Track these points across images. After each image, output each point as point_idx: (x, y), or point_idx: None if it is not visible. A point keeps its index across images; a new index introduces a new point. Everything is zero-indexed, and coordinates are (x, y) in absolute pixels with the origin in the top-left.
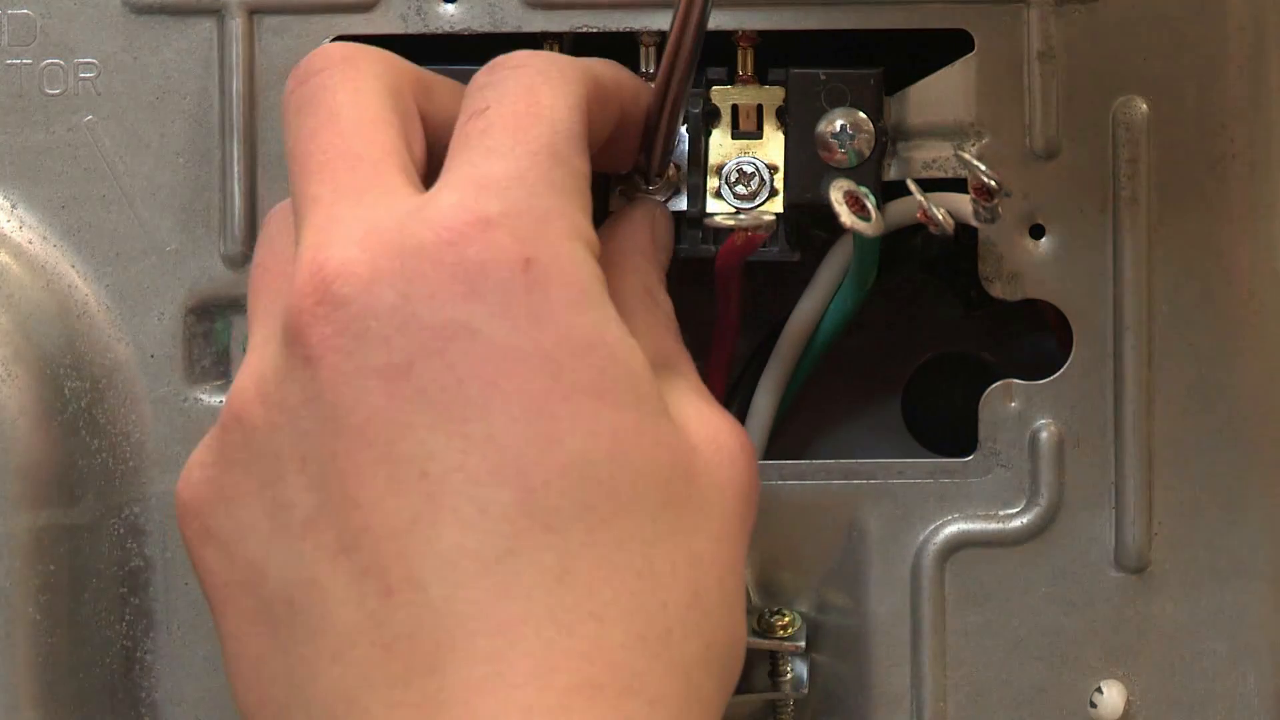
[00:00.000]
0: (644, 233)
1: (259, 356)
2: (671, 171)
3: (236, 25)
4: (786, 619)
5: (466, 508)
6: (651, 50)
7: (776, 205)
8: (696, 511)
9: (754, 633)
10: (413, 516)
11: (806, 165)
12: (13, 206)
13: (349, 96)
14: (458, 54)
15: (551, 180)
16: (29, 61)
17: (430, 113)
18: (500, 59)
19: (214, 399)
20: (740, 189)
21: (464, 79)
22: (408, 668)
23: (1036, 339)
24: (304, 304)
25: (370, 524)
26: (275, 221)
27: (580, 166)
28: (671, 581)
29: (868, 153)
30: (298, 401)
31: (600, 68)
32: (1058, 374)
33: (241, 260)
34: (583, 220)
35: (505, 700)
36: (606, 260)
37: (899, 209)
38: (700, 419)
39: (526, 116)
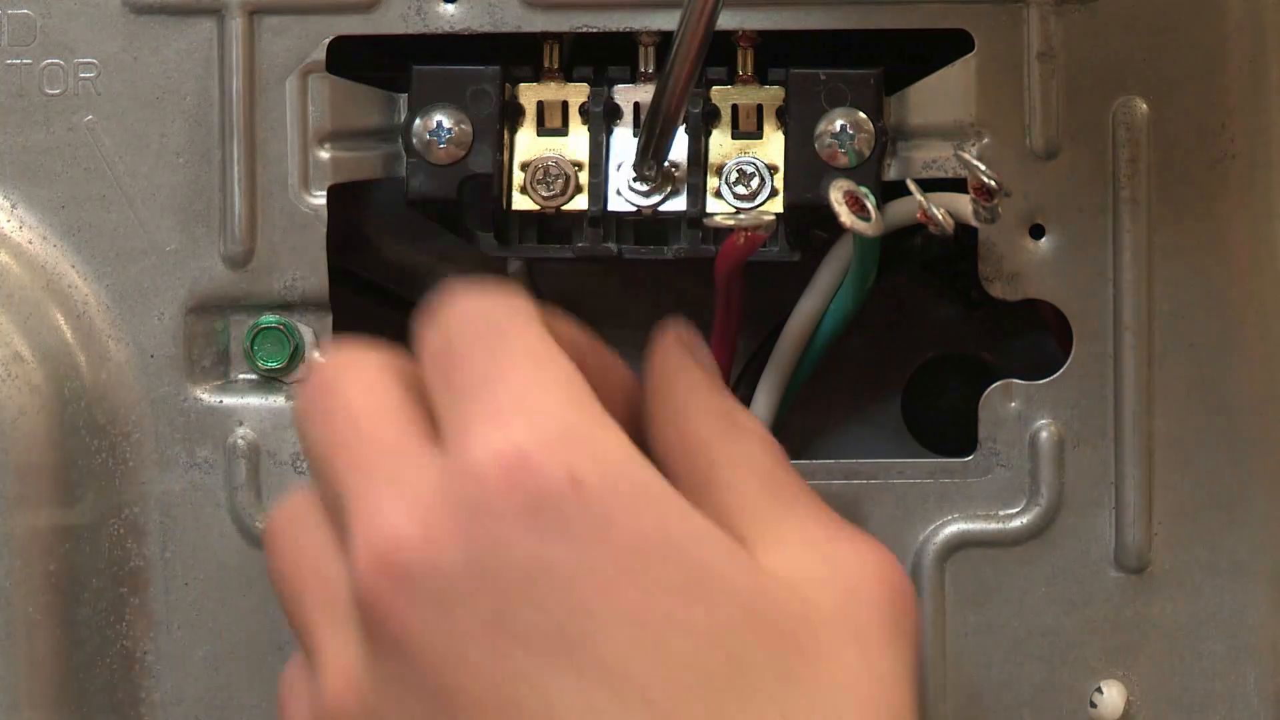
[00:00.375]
0: (690, 366)
1: (337, 653)
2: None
3: (236, 25)
4: None
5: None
6: (651, 50)
7: (776, 205)
8: (830, 664)
9: None
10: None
11: (806, 165)
12: (13, 206)
13: (360, 393)
14: (458, 54)
15: (554, 388)
16: (29, 61)
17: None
18: (436, 308)
19: (214, 399)
20: (740, 189)
21: (464, 79)
22: None
23: (1036, 339)
24: (375, 586)
25: None
26: (285, 531)
27: (562, 358)
28: None
29: (868, 153)
30: (400, 689)
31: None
32: (1058, 374)
33: (241, 260)
34: (599, 411)
35: None
36: (669, 412)
37: (899, 209)
38: (821, 556)
39: (492, 336)
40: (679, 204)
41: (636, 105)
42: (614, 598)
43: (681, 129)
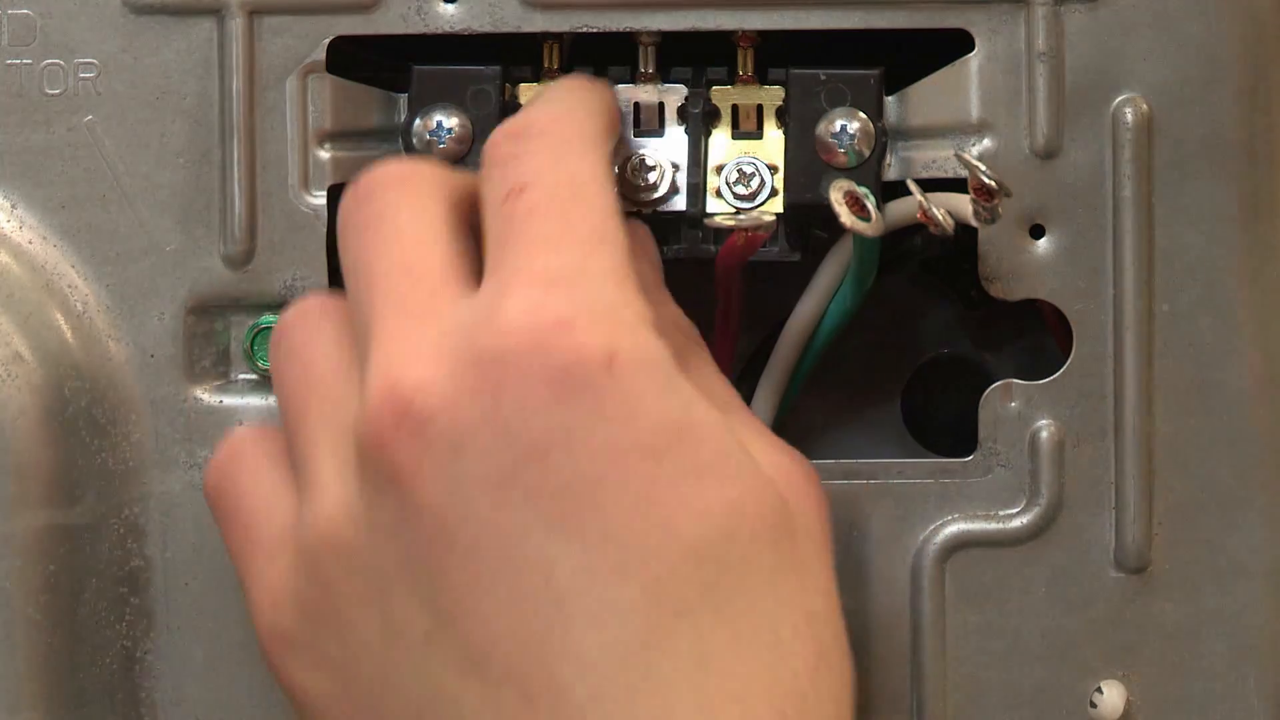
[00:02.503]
0: (646, 265)
1: (332, 479)
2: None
3: (236, 25)
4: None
5: (597, 607)
6: (651, 50)
7: (776, 205)
8: (801, 566)
9: None
10: (545, 623)
11: (806, 165)
12: (13, 206)
13: (410, 215)
14: (458, 54)
15: (609, 269)
16: (29, 61)
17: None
18: (519, 124)
19: (214, 399)
20: (740, 189)
21: (464, 79)
22: None
23: (1036, 339)
24: (382, 424)
25: (499, 636)
26: (298, 331)
27: (624, 242)
28: (797, 646)
29: (868, 153)
30: (394, 521)
31: (605, 102)
32: (1058, 374)
33: (241, 260)
34: (643, 302)
35: None
36: None
37: (899, 209)
38: (774, 463)
39: (570, 201)
40: (679, 204)
41: (636, 105)
42: (629, 474)
43: (681, 128)
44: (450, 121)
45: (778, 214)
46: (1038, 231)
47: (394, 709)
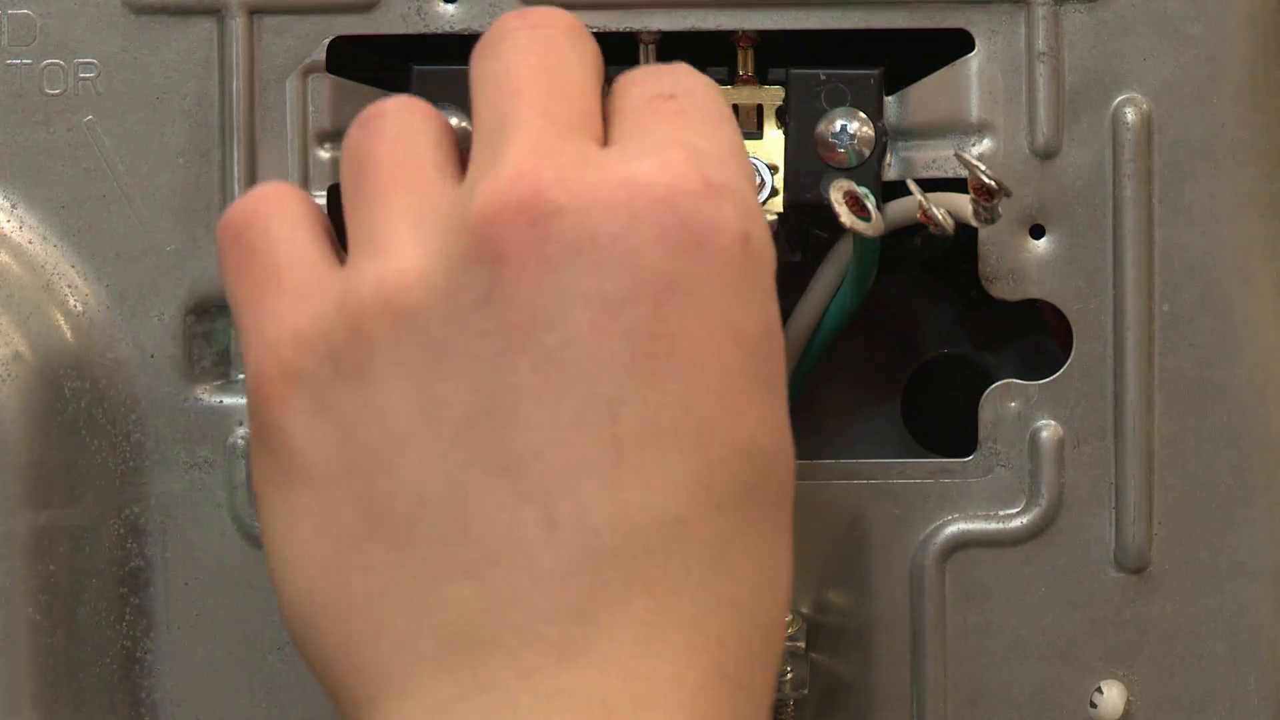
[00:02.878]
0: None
1: (411, 246)
2: None
3: (236, 25)
4: (787, 619)
5: (651, 465)
6: (651, 49)
7: (776, 205)
8: (787, 503)
9: None
10: (595, 458)
11: (806, 165)
12: (13, 206)
13: (573, 53)
14: (458, 54)
15: (749, 169)
16: (29, 61)
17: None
18: (654, 70)
19: (214, 399)
20: None
21: (464, 79)
22: (553, 605)
23: (1036, 339)
24: (506, 203)
25: (543, 450)
26: (398, 119)
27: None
28: (781, 579)
29: (868, 153)
30: (478, 298)
31: None
32: (1058, 374)
33: None
34: (755, 191)
35: (654, 670)
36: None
37: (899, 209)
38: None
39: (718, 113)
40: None
41: None
42: (727, 357)
43: None
44: (450, 121)
45: (778, 214)
46: (1038, 231)
47: (394, 482)
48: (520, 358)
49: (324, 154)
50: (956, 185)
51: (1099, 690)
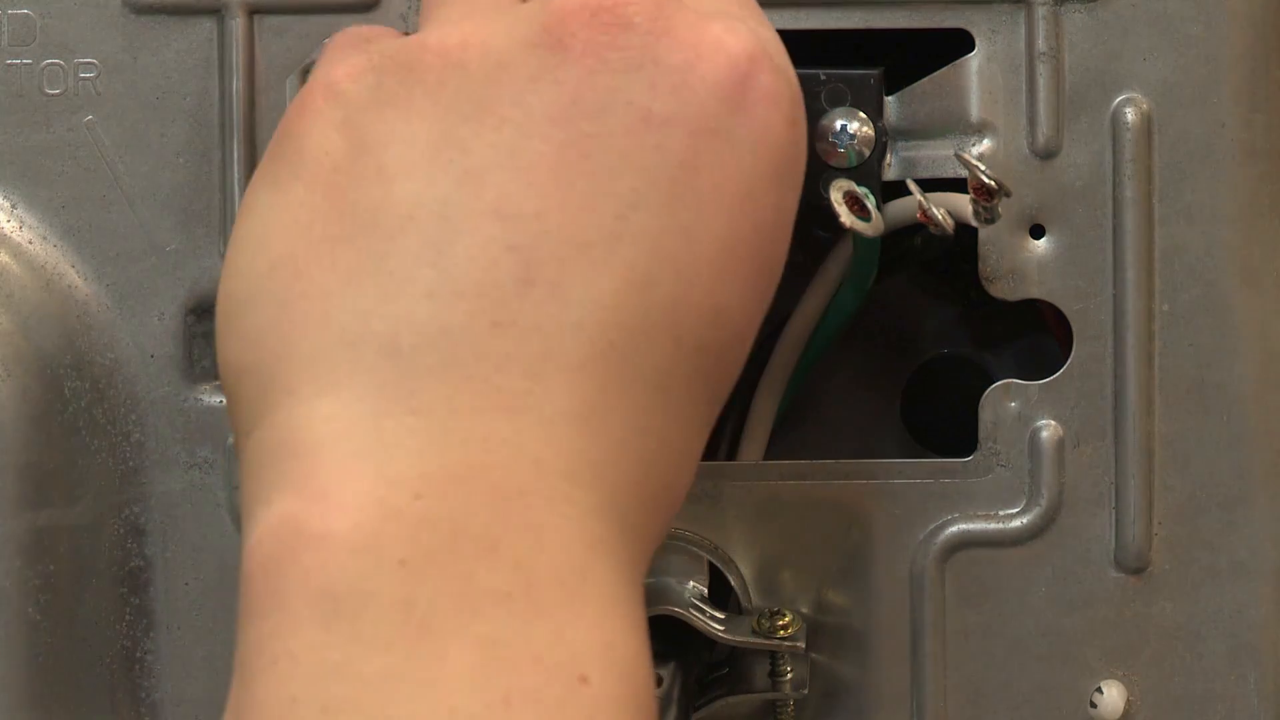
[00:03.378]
0: None
1: (483, 15)
2: None
3: (236, 25)
4: (786, 619)
5: (638, 271)
6: None
7: None
8: (724, 392)
9: (754, 632)
10: (590, 240)
11: (806, 165)
12: (13, 206)
13: None
14: None
15: (777, 40)
16: (29, 61)
17: None
18: None
19: (214, 399)
20: None
21: None
22: (506, 354)
23: (1036, 339)
24: (585, 3)
25: (546, 216)
26: None
27: None
28: (696, 450)
29: (868, 153)
30: (530, 74)
31: None
32: (1058, 374)
33: None
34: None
35: (585, 449)
36: None
37: (899, 209)
38: None
39: None
40: None
41: None
42: (742, 208)
43: None
44: None
45: None
46: (1038, 231)
47: (389, 198)
48: (553, 130)
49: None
50: (956, 185)
51: (1099, 690)
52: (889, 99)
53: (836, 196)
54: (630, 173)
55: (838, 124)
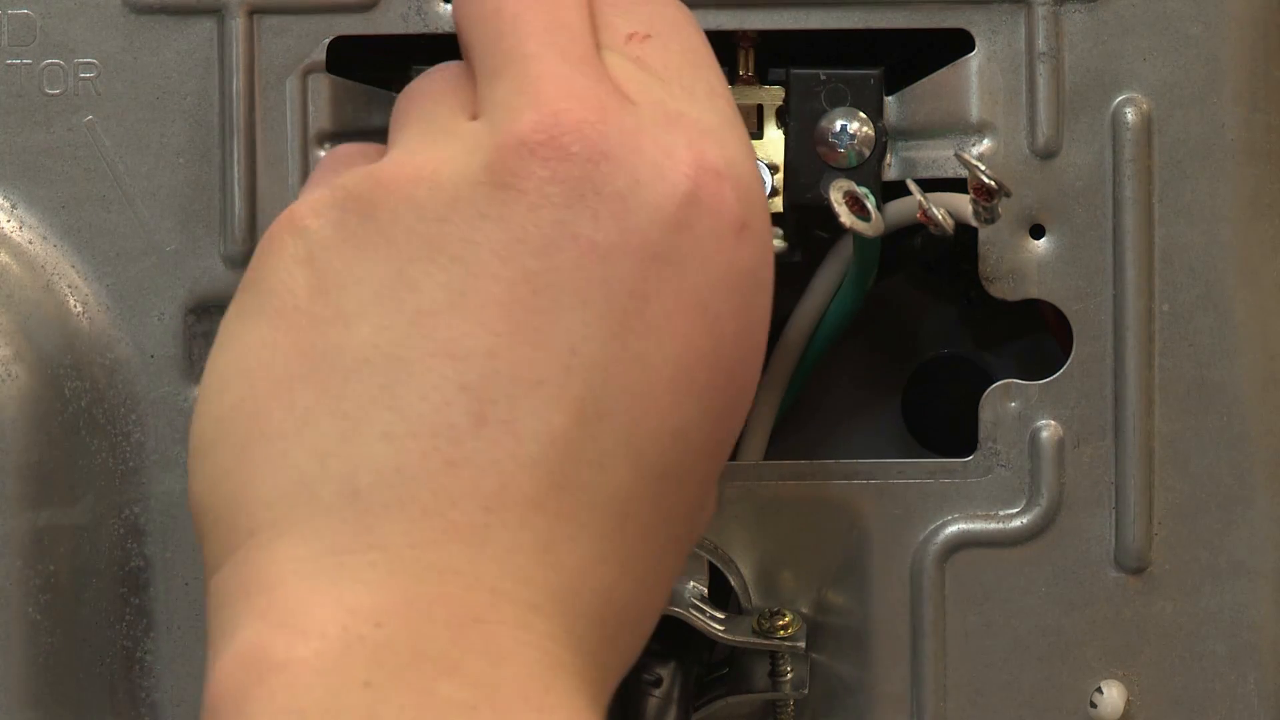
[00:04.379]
0: None
1: (436, 148)
2: None
3: (236, 25)
4: (786, 619)
5: (590, 404)
6: None
7: (776, 205)
8: (694, 514)
9: (754, 632)
10: (542, 378)
11: (806, 165)
12: (13, 206)
13: None
14: (457, 54)
15: (746, 139)
16: (29, 61)
17: None
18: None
19: None
20: None
21: None
22: (462, 490)
23: (1036, 339)
24: (527, 139)
25: (497, 355)
26: (431, 75)
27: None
28: (665, 577)
29: (868, 153)
30: (478, 211)
31: None
32: (1058, 374)
33: (241, 260)
34: (760, 179)
35: (545, 580)
36: None
37: (899, 209)
38: None
39: (703, 60)
40: None
41: None
42: (696, 336)
43: None
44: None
45: (778, 214)
46: (1038, 231)
47: (347, 339)
48: (502, 269)
49: (324, 154)
50: (956, 185)
51: (1099, 690)
52: (889, 99)
53: (836, 196)
54: (579, 307)
55: (838, 124)
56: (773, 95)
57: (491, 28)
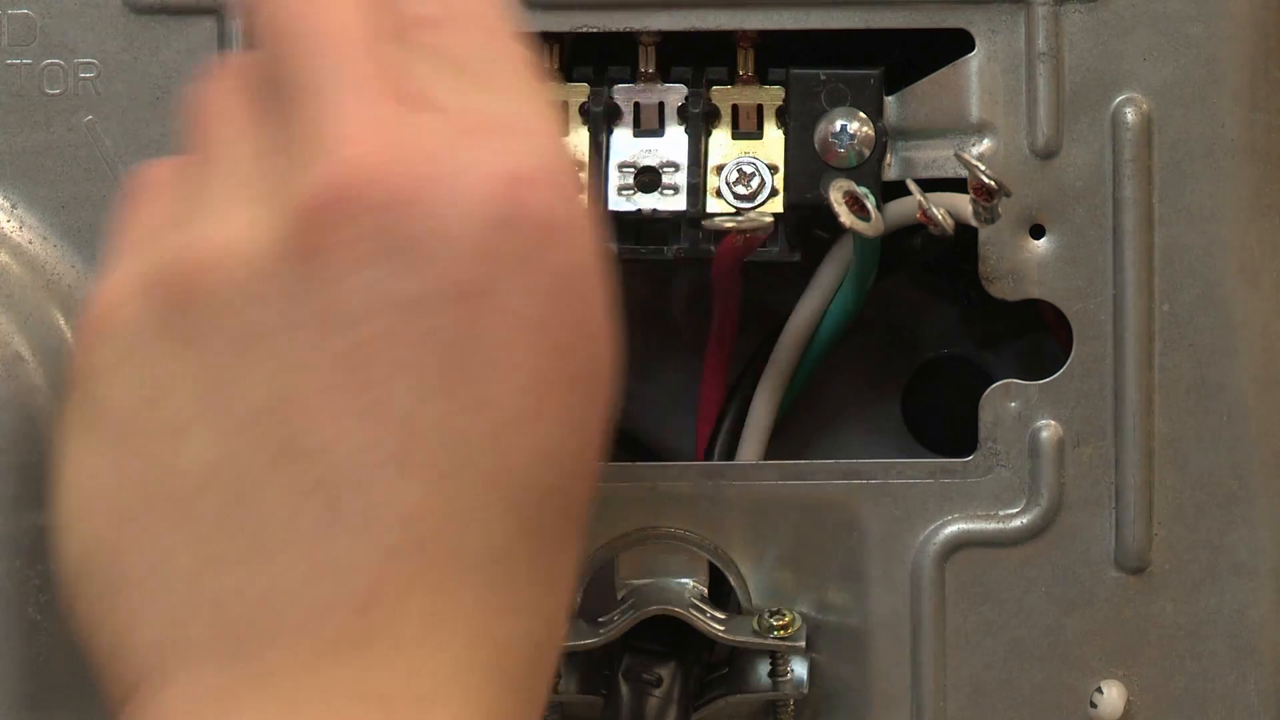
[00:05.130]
0: None
1: (240, 209)
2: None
3: (237, 25)
4: (786, 619)
5: (443, 467)
6: (651, 50)
7: (776, 205)
8: (581, 514)
9: (754, 632)
10: (385, 458)
11: (806, 165)
12: (13, 206)
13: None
14: None
15: (550, 124)
16: (29, 61)
17: None
18: None
19: None
20: (740, 189)
21: None
22: (332, 599)
23: (1036, 339)
24: (326, 197)
25: (333, 447)
26: (214, 81)
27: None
28: (564, 589)
29: (868, 153)
30: (287, 290)
31: None
32: (1058, 374)
33: None
34: (574, 169)
35: (436, 666)
36: None
37: (899, 209)
38: None
39: (501, 40)
40: (679, 204)
41: (636, 105)
42: (534, 358)
43: (681, 128)
44: None
45: (777, 214)
46: (1038, 231)
47: (182, 459)
48: (318, 355)
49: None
50: (956, 185)
51: (1099, 690)
52: (889, 99)
53: (836, 196)
54: (404, 370)
55: (838, 124)
56: (773, 95)
57: (281, 39)
